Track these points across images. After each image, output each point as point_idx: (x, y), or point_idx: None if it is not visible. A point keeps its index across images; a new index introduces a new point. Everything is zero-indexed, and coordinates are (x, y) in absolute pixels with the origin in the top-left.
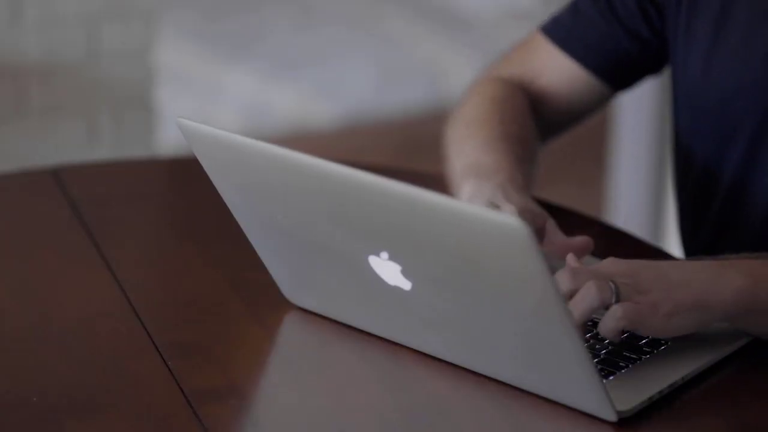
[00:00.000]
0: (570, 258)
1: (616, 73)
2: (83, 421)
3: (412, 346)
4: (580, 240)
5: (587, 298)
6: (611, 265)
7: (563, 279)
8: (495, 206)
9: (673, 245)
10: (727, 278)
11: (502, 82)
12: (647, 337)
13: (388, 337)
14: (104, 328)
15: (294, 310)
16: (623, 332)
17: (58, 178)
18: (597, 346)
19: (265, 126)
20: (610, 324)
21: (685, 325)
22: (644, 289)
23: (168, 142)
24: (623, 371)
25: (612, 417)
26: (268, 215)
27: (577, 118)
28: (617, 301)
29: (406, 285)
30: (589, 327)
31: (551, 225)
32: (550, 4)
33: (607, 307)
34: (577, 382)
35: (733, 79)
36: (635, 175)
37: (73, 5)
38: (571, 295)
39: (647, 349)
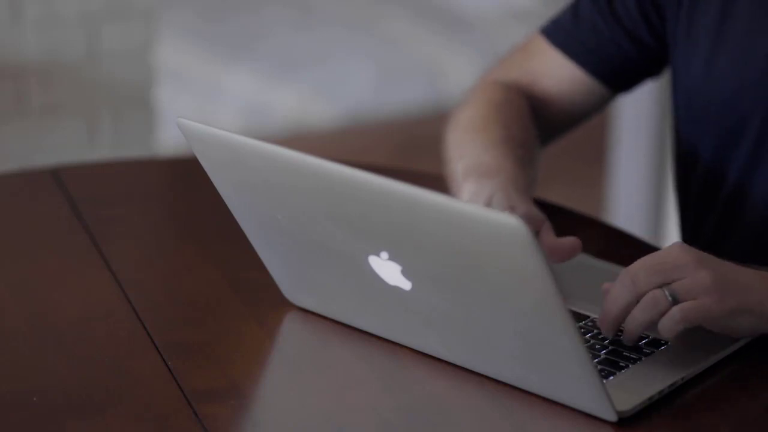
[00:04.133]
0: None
1: (617, 75)
2: (83, 421)
3: (412, 346)
4: (568, 241)
5: (642, 315)
6: (678, 252)
7: (624, 289)
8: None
9: None
10: None
11: (502, 86)
12: (647, 337)
13: (388, 337)
14: (104, 327)
15: (294, 310)
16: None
17: (58, 178)
18: (597, 346)
19: (265, 126)
20: (669, 325)
21: (744, 326)
22: (708, 287)
23: (168, 142)
24: (623, 371)
25: (612, 417)
26: (268, 215)
27: (577, 121)
28: (674, 303)
29: (406, 285)
30: (589, 327)
31: (545, 228)
32: (550, 5)
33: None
34: (577, 382)
35: (735, 79)
36: (635, 175)
37: (73, 5)
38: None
39: (647, 349)
